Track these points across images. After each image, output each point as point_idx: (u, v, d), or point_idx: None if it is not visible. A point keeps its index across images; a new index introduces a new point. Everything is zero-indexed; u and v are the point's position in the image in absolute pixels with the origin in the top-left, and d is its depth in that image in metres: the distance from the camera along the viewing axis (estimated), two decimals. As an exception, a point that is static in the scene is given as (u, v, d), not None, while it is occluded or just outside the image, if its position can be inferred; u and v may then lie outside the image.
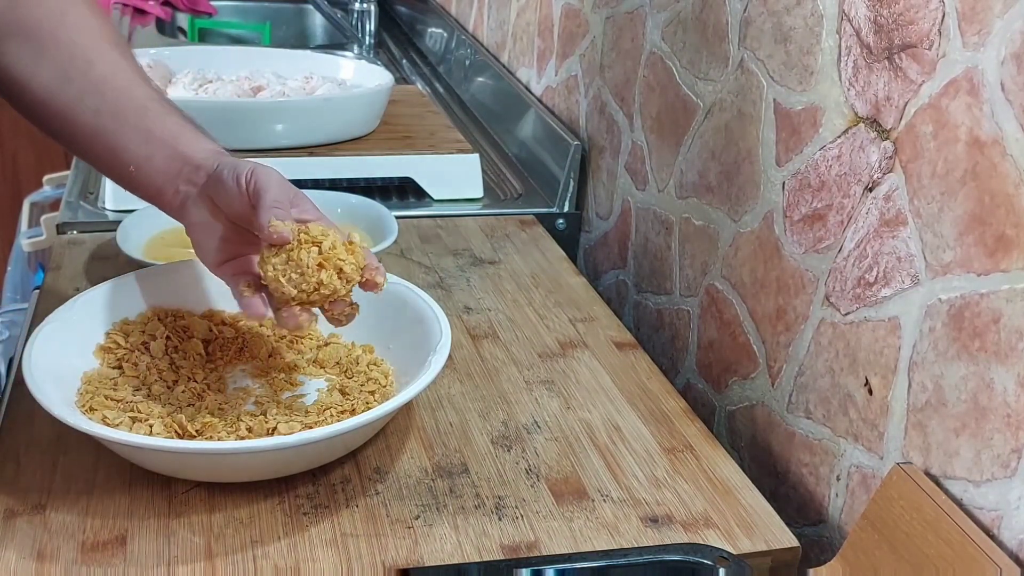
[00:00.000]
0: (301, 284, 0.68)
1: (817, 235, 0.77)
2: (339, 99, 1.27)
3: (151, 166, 0.73)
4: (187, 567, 0.63)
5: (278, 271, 0.68)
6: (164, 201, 0.75)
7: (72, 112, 0.74)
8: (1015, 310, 0.58)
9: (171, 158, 0.73)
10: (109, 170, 0.77)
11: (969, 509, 0.62)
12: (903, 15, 0.67)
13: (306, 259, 0.68)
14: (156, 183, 0.74)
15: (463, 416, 0.80)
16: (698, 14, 0.94)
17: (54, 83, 0.73)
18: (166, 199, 0.74)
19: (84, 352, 0.77)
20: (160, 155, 0.73)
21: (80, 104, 0.73)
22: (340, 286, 0.69)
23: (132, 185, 0.75)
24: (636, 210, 1.10)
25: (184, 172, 0.73)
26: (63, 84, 0.73)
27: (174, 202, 0.74)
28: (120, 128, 0.73)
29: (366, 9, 2.05)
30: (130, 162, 0.73)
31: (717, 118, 0.92)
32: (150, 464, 0.69)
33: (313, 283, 0.68)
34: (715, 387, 0.94)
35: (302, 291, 0.68)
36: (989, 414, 0.60)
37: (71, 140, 0.75)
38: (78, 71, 0.74)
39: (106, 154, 0.74)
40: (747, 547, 0.68)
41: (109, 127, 0.73)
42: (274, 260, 0.68)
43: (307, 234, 0.68)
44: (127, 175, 0.75)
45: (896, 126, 0.68)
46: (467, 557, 0.65)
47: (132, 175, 0.74)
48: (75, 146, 0.76)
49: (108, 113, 0.74)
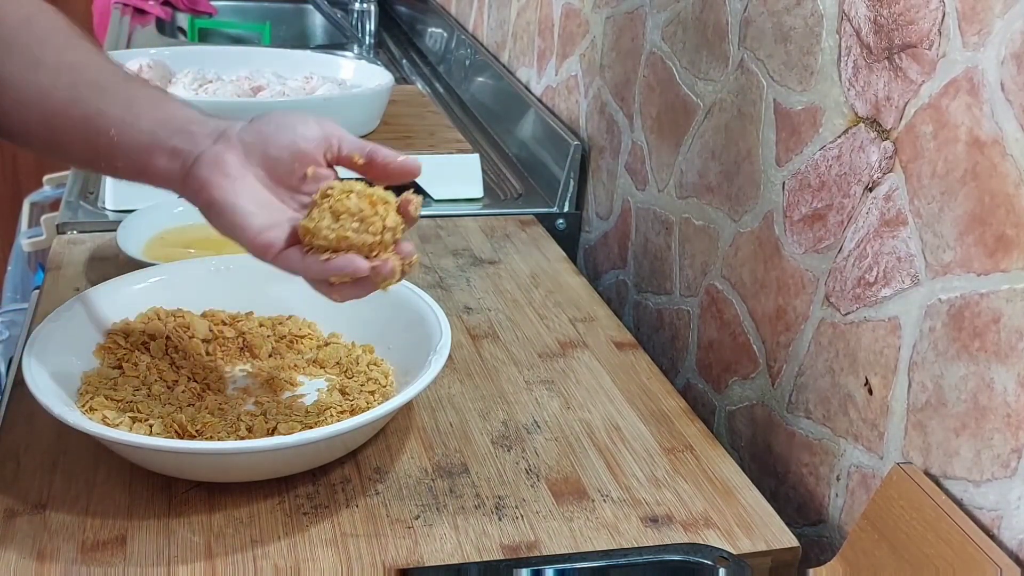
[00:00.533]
0: (370, 228, 0.62)
1: (817, 235, 0.77)
2: (339, 99, 1.27)
3: (136, 127, 0.66)
4: (187, 567, 0.63)
5: (340, 229, 0.62)
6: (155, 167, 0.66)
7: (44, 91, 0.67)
8: (1015, 310, 0.58)
9: (161, 118, 0.66)
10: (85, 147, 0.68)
11: (969, 509, 0.62)
12: (903, 15, 0.67)
13: (355, 203, 0.62)
14: (143, 144, 0.66)
15: (463, 416, 0.80)
16: (698, 14, 0.94)
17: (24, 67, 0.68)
18: (157, 164, 0.66)
19: (84, 352, 0.77)
20: (147, 115, 0.66)
21: (54, 80, 0.67)
22: (399, 219, 0.63)
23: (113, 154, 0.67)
24: (636, 210, 1.10)
25: (178, 130, 0.66)
26: (34, 67, 0.68)
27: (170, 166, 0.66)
28: (99, 96, 0.67)
29: (366, 9, 2.05)
30: (111, 126, 0.66)
31: (717, 118, 0.92)
32: (150, 464, 0.69)
33: (379, 224, 0.62)
34: (715, 387, 0.94)
35: (373, 236, 0.62)
36: (989, 414, 0.60)
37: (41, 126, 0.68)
38: (51, 54, 0.69)
39: (82, 125, 0.67)
40: (747, 547, 0.68)
41: (86, 96, 0.67)
42: (325, 223, 0.62)
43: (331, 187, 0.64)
44: (107, 145, 0.66)
45: (896, 126, 0.68)
46: (467, 557, 0.65)
47: (114, 142, 0.66)
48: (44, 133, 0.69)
49: (85, 84, 0.67)
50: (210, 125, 0.66)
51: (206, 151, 0.65)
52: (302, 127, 0.66)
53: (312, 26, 2.23)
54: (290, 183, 0.66)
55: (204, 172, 0.64)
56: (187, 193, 0.66)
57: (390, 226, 0.63)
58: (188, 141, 0.65)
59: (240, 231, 0.64)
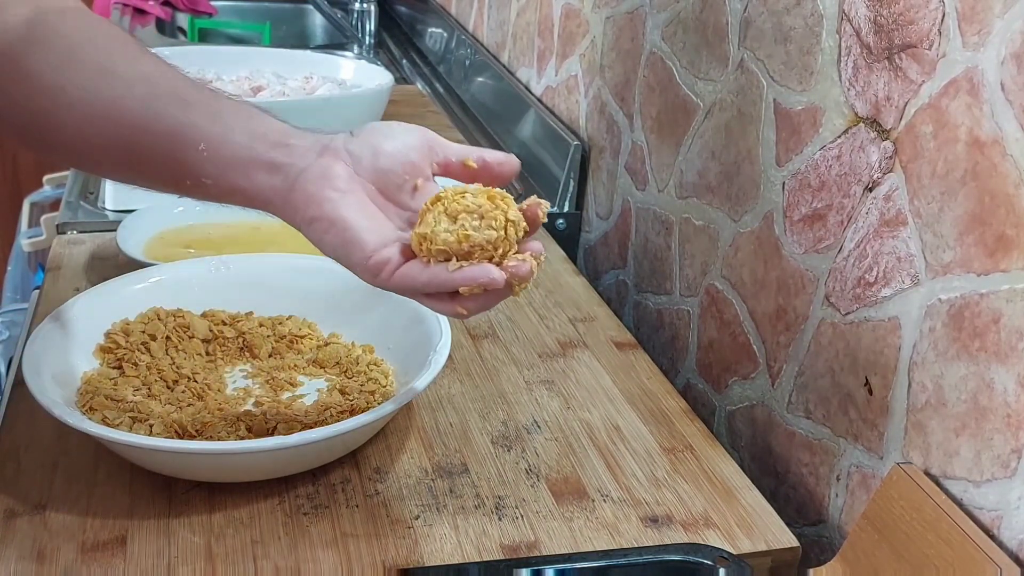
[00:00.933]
0: (493, 223, 0.57)
1: (817, 235, 0.77)
2: (339, 99, 1.27)
3: (229, 141, 0.61)
4: (187, 567, 0.63)
5: (459, 229, 0.56)
6: (253, 183, 0.61)
7: (119, 106, 0.62)
8: (1015, 310, 0.58)
9: (256, 131, 0.61)
10: (169, 164, 0.63)
11: (969, 509, 0.62)
12: (903, 15, 0.67)
13: (472, 200, 0.57)
14: (239, 158, 0.60)
15: (463, 416, 0.80)
16: (698, 14, 0.94)
17: (95, 80, 0.63)
18: (254, 180, 0.61)
19: (84, 352, 0.77)
20: (240, 127, 0.61)
21: (129, 93, 0.62)
22: (520, 214, 0.58)
23: (202, 171, 0.61)
24: (636, 210, 1.10)
25: (280, 142, 0.61)
26: (106, 77, 0.63)
27: (270, 182, 0.60)
28: (183, 107, 0.62)
29: (366, 9, 2.05)
30: (200, 140, 0.61)
31: (717, 118, 0.92)
32: (150, 464, 0.69)
33: (501, 217, 0.57)
34: (715, 387, 0.94)
35: (497, 231, 0.57)
36: (989, 414, 0.60)
37: (115, 142, 0.63)
38: (123, 64, 0.63)
39: (165, 139, 0.61)
40: (747, 547, 0.68)
41: (167, 108, 0.62)
42: (442, 226, 0.57)
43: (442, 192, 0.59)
44: (195, 160, 0.61)
45: (896, 126, 0.68)
46: (467, 557, 0.65)
47: (203, 157, 0.61)
48: (120, 150, 0.64)
49: (165, 95, 0.62)
50: (309, 138, 0.62)
51: (312, 164, 0.60)
52: (406, 136, 0.63)
53: (312, 26, 2.23)
54: (398, 197, 0.61)
55: (312, 186, 0.59)
56: (288, 210, 0.61)
57: (512, 219, 0.58)
58: (289, 154, 0.61)
59: (353, 248, 0.58)
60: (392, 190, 0.61)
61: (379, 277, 0.58)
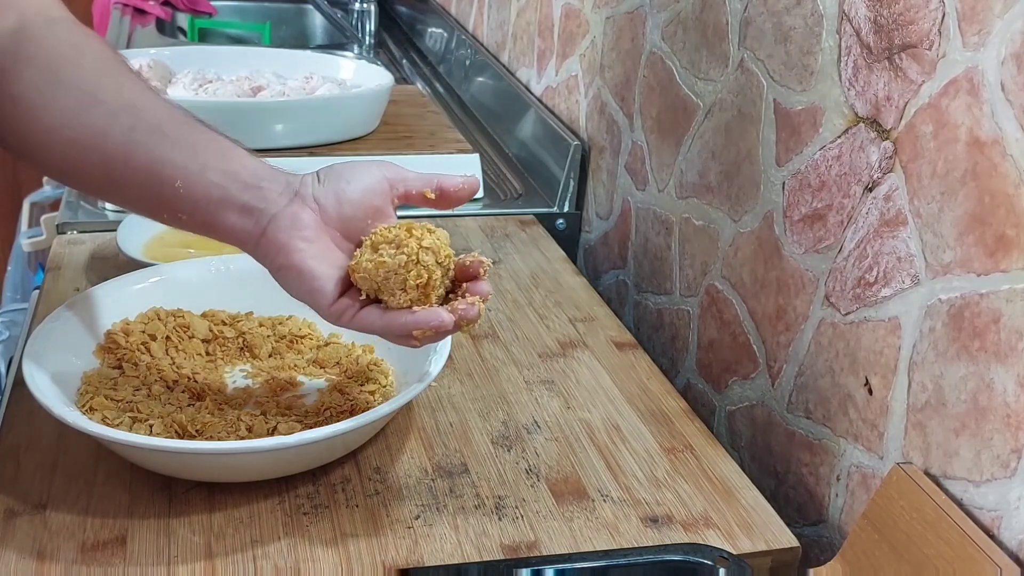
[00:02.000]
0: (404, 249, 0.62)
1: (817, 235, 0.77)
2: (339, 99, 1.27)
3: (204, 179, 0.62)
4: (187, 567, 0.63)
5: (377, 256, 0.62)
6: (225, 223, 0.63)
7: (101, 134, 0.63)
8: (1015, 310, 0.58)
9: (229, 171, 0.63)
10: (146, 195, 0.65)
11: (969, 509, 0.62)
12: (903, 15, 0.67)
13: (393, 232, 0.63)
14: (212, 198, 0.63)
15: (463, 416, 0.80)
16: (698, 14, 0.94)
17: (79, 105, 0.64)
18: (226, 221, 0.63)
19: (84, 352, 0.77)
20: (215, 166, 0.63)
21: (112, 122, 0.63)
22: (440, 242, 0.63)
23: (178, 207, 0.64)
24: (636, 210, 1.10)
25: (251, 184, 0.63)
26: (90, 105, 0.64)
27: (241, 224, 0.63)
28: (161, 142, 0.63)
29: (366, 9, 2.05)
30: (176, 177, 0.62)
31: (717, 118, 0.92)
32: (150, 464, 0.69)
33: (414, 244, 0.62)
34: (715, 387, 0.94)
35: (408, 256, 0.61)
36: (989, 414, 0.60)
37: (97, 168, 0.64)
38: (108, 92, 0.65)
39: (144, 171, 0.63)
40: (747, 547, 0.68)
41: (148, 142, 0.63)
42: (366, 256, 0.63)
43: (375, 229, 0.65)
44: (171, 196, 0.63)
45: (896, 126, 0.68)
46: (467, 557, 0.65)
47: (179, 194, 0.63)
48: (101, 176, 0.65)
49: (146, 129, 0.64)
50: (280, 181, 0.64)
51: (281, 211, 0.63)
52: (367, 178, 0.65)
53: (312, 26, 2.23)
54: (358, 239, 0.65)
55: (282, 235, 0.62)
56: (259, 253, 0.64)
57: (427, 245, 0.62)
58: (260, 198, 0.63)
59: (318, 296, 0.63)
60: (355, 233, 0.65)
61: (340, 320, 0.64)
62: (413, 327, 0.62)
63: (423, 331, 0.62)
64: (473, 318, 0.63)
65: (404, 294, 0.62)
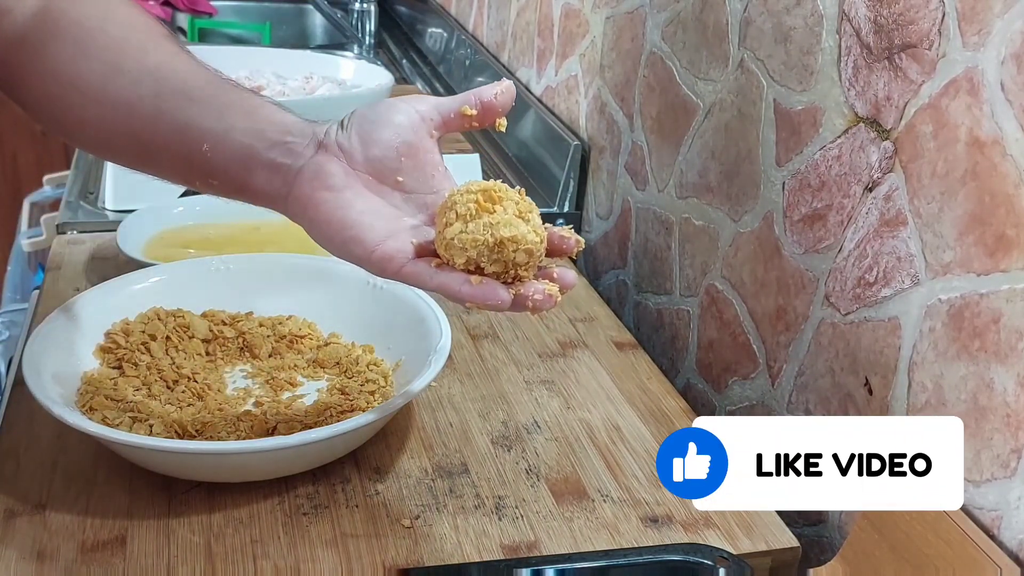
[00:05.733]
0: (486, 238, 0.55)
1: (817, 235, 0.77)
2: (339, 99, 1.27)
3: (230, 140, 0.59)
4: (187, 567, 0.63)
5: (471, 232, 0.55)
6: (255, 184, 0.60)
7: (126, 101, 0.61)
8: (1015, 310, 0.58)
9: (255, 129, 0.60)
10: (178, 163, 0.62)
11: (969, 509, 0.62)
12: (903, 15, 0.67)
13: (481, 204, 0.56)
14: (239, 158, 0.59)
15: (463, 416, 0.80)
16: (698, 14, 0.94)
17: (103, 75, 0.62)
18: (256, 182, 0.60)
19: (84, 352, 0.77)
20: (241, 125, 0.60)
21: (136, 89, 0.61)
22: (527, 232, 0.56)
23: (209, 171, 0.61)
24: (636, 210, 1.10)
25: (278, 141, 0.59)
26: (114, 74, 0.62)
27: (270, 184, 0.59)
28: (187, 106, 0.61)
29: (366, 9, 2.05)
30: (203, 140, 0.60)
31: (717, 118, 0.92)
32: (150, 464, 0.69)
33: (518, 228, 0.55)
34: (715, 387, 0.94)
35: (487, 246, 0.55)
36: (989, 414, 0.60)
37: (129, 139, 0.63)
38: (132, 60, 0.62)
39: (173, 137, 0.61)
40: (747, 547, 0.68)
41: (173, 106, 0.61)
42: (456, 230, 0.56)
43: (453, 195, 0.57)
44: (201, 162, 0.60)
45: (896, 126, 0.68)
46: (467, 557, 0.65)
47: (207, 158, 0.60)
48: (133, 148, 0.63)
49: (171, 92, 0.61)
50: (307, 132, 0.60)
51: (306, 164, 0.59)
52: (397, 115, 0.60)
53: (312, 26, 2.23)
54: (402, 181, 0.60)
55: (307, 187, 0.58)
56: (290, 213, 0.60)
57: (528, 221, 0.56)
58: (287, 154, 0.59)
59: (354, 245, 0.57)
60: (390, 175, 0.59)
61: (386, 271, 0.57)
62: (468, 299, 0.56)
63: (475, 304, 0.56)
64: (546, 307, 0.56)
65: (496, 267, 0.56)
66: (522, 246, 0.56)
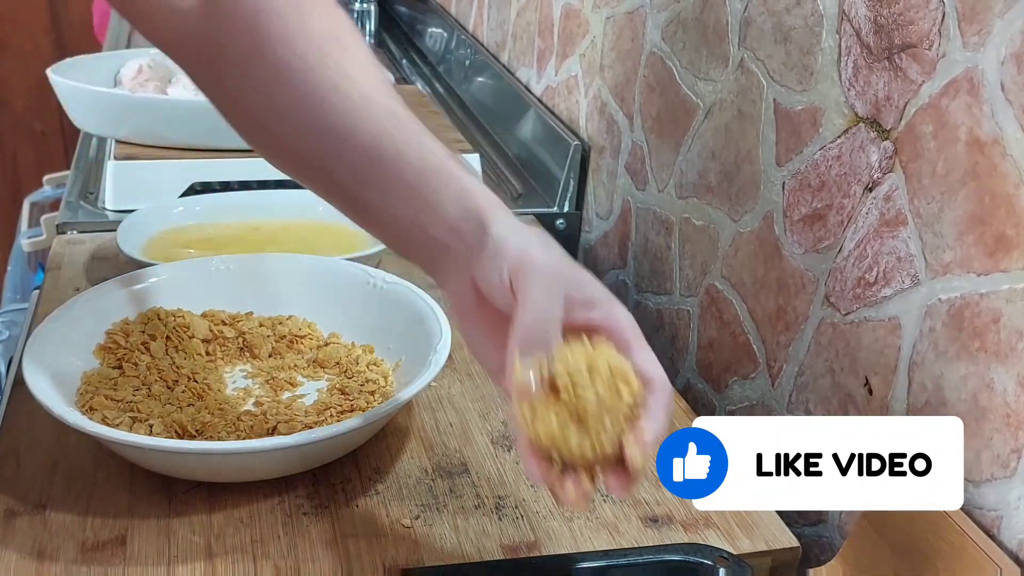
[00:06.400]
0: (614, 420, 0.51)
1: (817, 235, 0.77)
2: (339, 99, 1.26)
3: (437, 223, 0.56)
4: (187, 567, 0.63)
5: (586, 438, 0.51)
6: (415, 256, 0.58)
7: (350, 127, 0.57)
8: (1015, 310, 0.58)
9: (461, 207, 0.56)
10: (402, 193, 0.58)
11: (969, 509, 0.62)
12: (903, 15, 0.67)
13: (597, 397, 0.51)
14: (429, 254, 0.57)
15: (463, 416, 0.80)
16: (698, 14, 0.94)
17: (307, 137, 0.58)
18: (417, 258, 0.58)
19: (84, 352, 0.77)
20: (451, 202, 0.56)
21: (369, 111, 0.58)
22: (639, 386, 0.54)
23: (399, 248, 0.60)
24: (636, 210, 1.10)
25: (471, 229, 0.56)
26: (320, 138, 0.58)
27: (426, 267, 0.58)
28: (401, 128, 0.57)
29: (366, 9, 2.05)
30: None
31: (717, 118, 0.92)
32: (150, 464, 0.69)
33: (624, 411, 0.52)
34: (715, 387, 0.94)
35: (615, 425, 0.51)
36: (989, 414, 0.60)
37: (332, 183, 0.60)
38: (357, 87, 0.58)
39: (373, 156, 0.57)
40: (747, 547, 0.68)
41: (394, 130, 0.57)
42: (570, 434, 0.51)
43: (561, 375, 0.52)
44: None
45: (896, 126, 0.68)
46: (467, 557, 0.65)
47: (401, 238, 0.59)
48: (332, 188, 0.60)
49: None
50: (471, 232, 0.57)
51: (448, 278, 0.57)
52: (539, 296, 0.57)
53: (312, 26, 2.22)
54: None
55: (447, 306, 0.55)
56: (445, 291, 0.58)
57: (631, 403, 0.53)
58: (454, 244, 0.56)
59: (493, 372, 0.57)
60: None
61: None
62: (553, 490, 0.52)
63: None
64: (573, 501, 0.51)
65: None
66: None
